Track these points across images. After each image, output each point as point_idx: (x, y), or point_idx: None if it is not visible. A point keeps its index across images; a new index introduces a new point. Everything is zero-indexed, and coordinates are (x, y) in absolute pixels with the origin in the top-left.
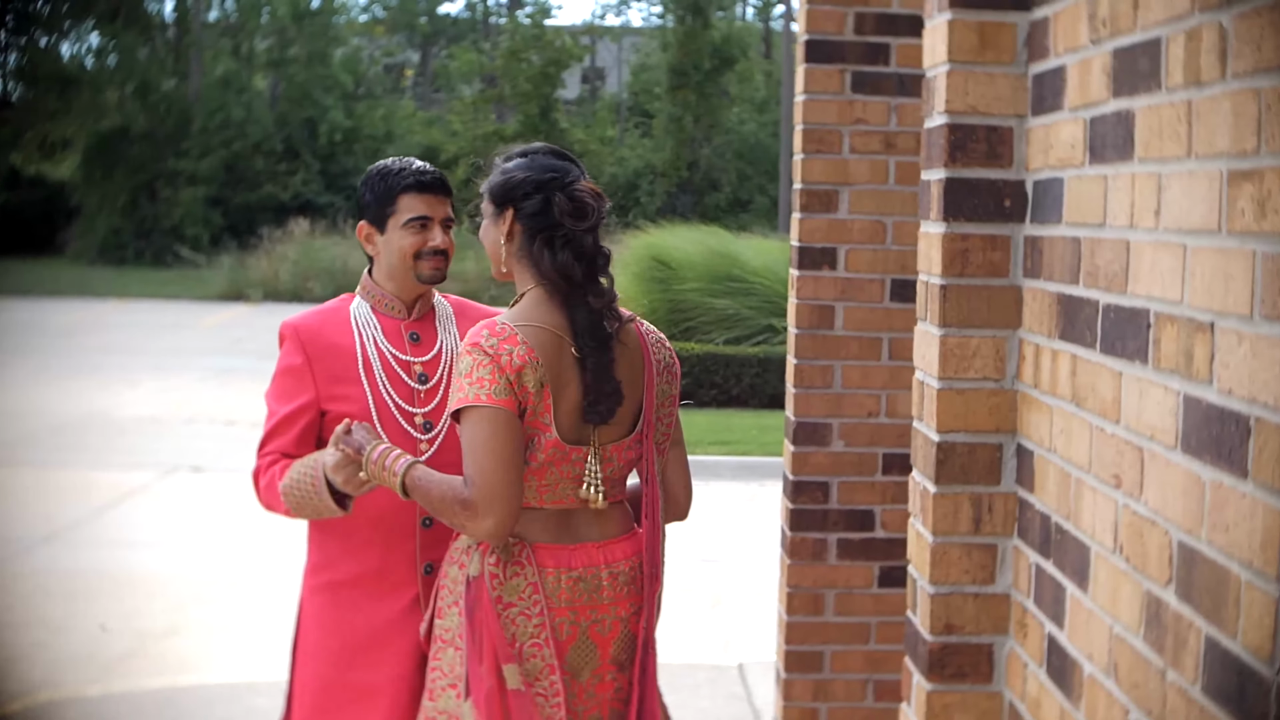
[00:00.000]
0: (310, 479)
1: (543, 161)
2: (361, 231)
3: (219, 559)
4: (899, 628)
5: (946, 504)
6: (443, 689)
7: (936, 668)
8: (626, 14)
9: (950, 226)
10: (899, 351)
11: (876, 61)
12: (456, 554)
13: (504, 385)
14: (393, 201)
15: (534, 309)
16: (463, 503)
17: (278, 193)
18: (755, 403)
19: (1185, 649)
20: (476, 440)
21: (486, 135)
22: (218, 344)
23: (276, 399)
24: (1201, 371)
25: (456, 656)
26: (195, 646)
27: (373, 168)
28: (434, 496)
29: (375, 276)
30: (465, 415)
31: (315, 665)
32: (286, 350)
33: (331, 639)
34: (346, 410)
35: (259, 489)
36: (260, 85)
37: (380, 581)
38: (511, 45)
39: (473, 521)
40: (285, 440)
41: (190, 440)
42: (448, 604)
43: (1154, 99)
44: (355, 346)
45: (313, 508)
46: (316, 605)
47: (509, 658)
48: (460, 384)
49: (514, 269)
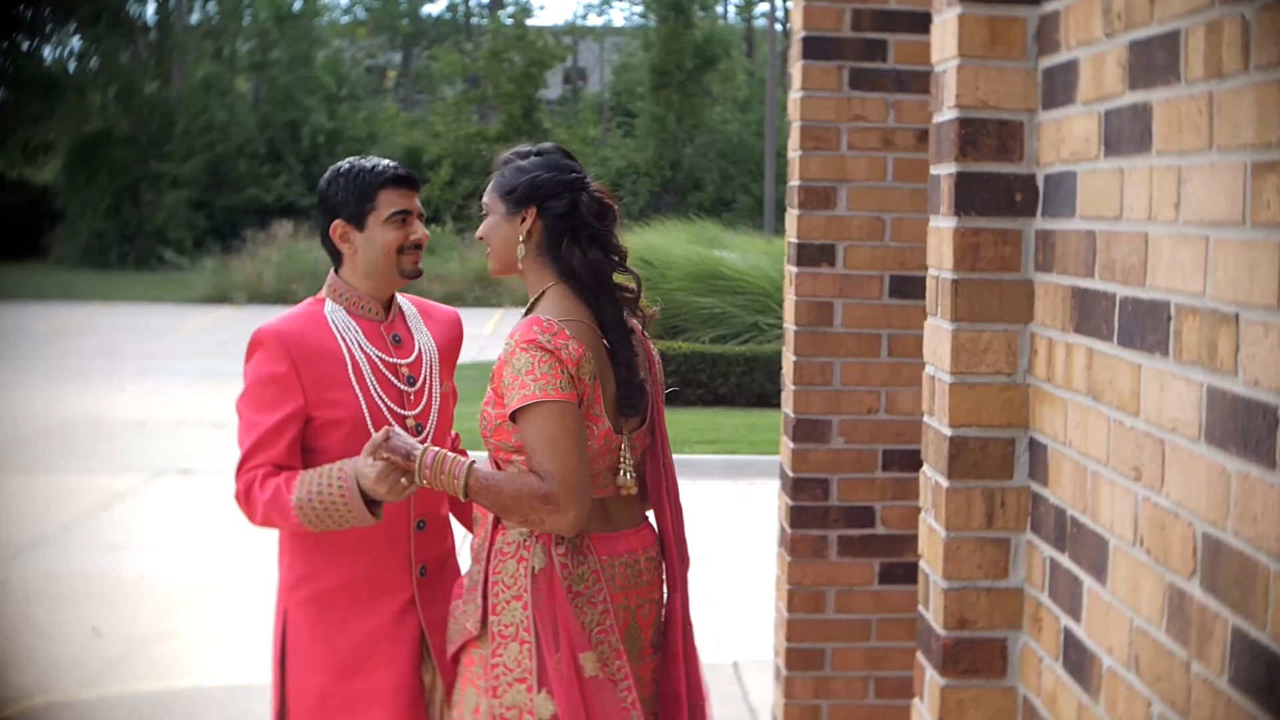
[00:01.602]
0: (338, 490)
1: (562, 162)
2: (336, 231)
3: (209, 562)
4: (899, 625)
5: (959, 499)
6: (508, 684)
7: (950, 663)
8: (608, 14)
9: (962, 221)
10: (898, 348)
11: (874, 58)
12: (509, 549)
13: (567, 380)
14: (372, 198)
15: (565, 305)
16: (544, 497)
17: (261, 195)
18: (742, 401)
19: (1211, 640)
20: (552, 434)
21: (469, 136)
22: (202, 347)
23: (257, 409)
24: (1226, 363)
25: (524, 650)
26: (187, 650)
27: (337, 168)
28: (505, 494)
29: (347, 277)
30: (534, 411)
31: (310, 678)
32: (265, 357)
33: (325, 649)
34: (337, 416)
35: (253, 505)
36: (243, 88)
37: (372, 587)
38: (493, 46)
39: (554, 515)
40: (275, 452)
41: (178, 443)
42: (506, 599)
43: (1173, 91)
44: (342, 351)
45: (337, 519)
46: (305, 616)
47: (585, 645)
48: (522, 382)
49: (529, 267)
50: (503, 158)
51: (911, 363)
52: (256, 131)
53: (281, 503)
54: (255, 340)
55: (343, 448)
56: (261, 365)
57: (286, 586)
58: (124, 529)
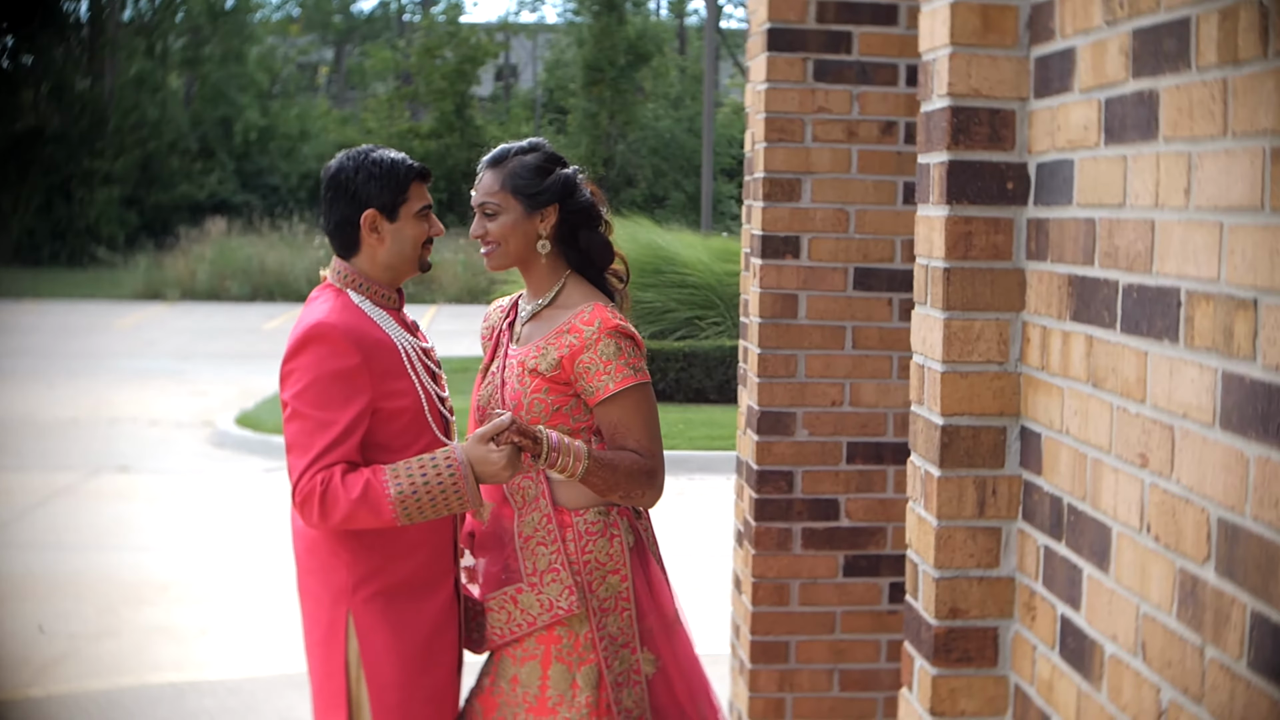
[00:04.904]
0: (449, 478)
1: (562, 156)
2: (368, 220)
3: (150, 560)
4: (863, 617)
5: (951, 488)
6: (615, 651)
7: (942, 652)
8: (541, 10)
9: (953, 209)
10: (862, 340)
11: (838, 50)
12: (594, 528)
13: (643, 361)
14: (405, 190)
15: (591, 292)
16: (648, 474)
17: (193, 192)
18: (680, 397)
19: (1228, 625)
20: (646, 414)
21: (401, 133)
22: (132, 345)
23: (322, 406)
24: (1244, 348)
25: (624, 618)
26: (130, 648)
27: (357, 158)
28: (621, 471)
29: (363, 267)
30: (631, 394)
31: (391, 675)
32: (330, 352)
33: (399, 645)
34: (400, 406)
35: (333, 503)
36: (175, 84)
37: (427, 578)
38: (426, 42)
39: (653, 490)
40: (347, 449)
41: (113, 441)
42: (602, 575)
43: (1182, 78)
44: (392, 340)
45: (441, 508)
46: (374, 614)
47: (670, 603)
48: (616, 366)
49: (545, 261)
50: (494, 156)
51: (875, 355)
52: (188, 128)
53: (375, 499)
54: (313, 335)
55: (401, 438)
56: (327, 360)
57: (346, 589)
58: (62, 527)
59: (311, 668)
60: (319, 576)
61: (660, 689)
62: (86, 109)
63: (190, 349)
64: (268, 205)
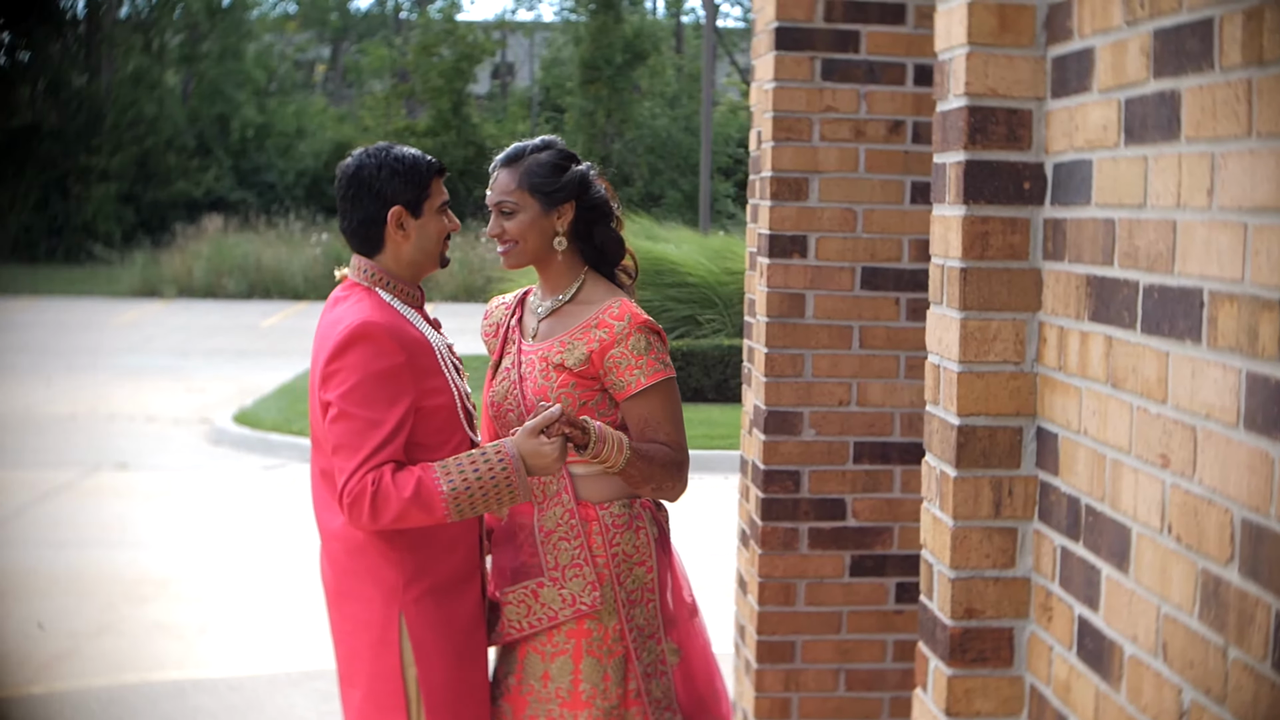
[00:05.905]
0: (501, 472)
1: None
2: (395, 217)
3: (148, 556)
4: (869, 617)
5: (967, 488)
6: (643, 641)
7: (957, 653)
8: (538, 8)
9: (970, 209)
10: (869, 340)
11: (846, 49)
12: (620, 521)
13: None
14: (427, 186)
15: (610, 288)
16: (679, 466)
17: (190, 189)
18: None
19: (1252, 625)
20: (673, 408)
21: (398, 131)
22: (130, 342)
23: (370, 406)
24: (1269, 349)
25: (650, 609)
26: (131, 645)
27: (377, 155)
28: (656, 463)
29: (388, 264)
30: (661, 388)
31: (444, 673)
32: (376, 351)
33: (449, 642)
34: (438, 403)
35: (385, 503)
36: (172, 81)
37: (465, 571)
38: (423, 40)
39: (681, 483)
40: (394, 448)
41: (111, 438)
42: (629, 567)
43: (1205, 79)
44: (426, 338)
45: (492, 503)
46: (425, 613)
47: (689, 593)
48: (647, 361)
49: (562, 258)
50: (509, 155)
51: (882, 355)
52: (185, 125)
53: (427, 496)
54: (359, 334)
55: (437, 436)
56: (374, 360)
57: (396, 588)
58: (61, 524)
59: (355, 671)
60: (368, 577)
61: (683, 679)
62: (83, 105)
63: (187, 346)
64: (264, 202)
